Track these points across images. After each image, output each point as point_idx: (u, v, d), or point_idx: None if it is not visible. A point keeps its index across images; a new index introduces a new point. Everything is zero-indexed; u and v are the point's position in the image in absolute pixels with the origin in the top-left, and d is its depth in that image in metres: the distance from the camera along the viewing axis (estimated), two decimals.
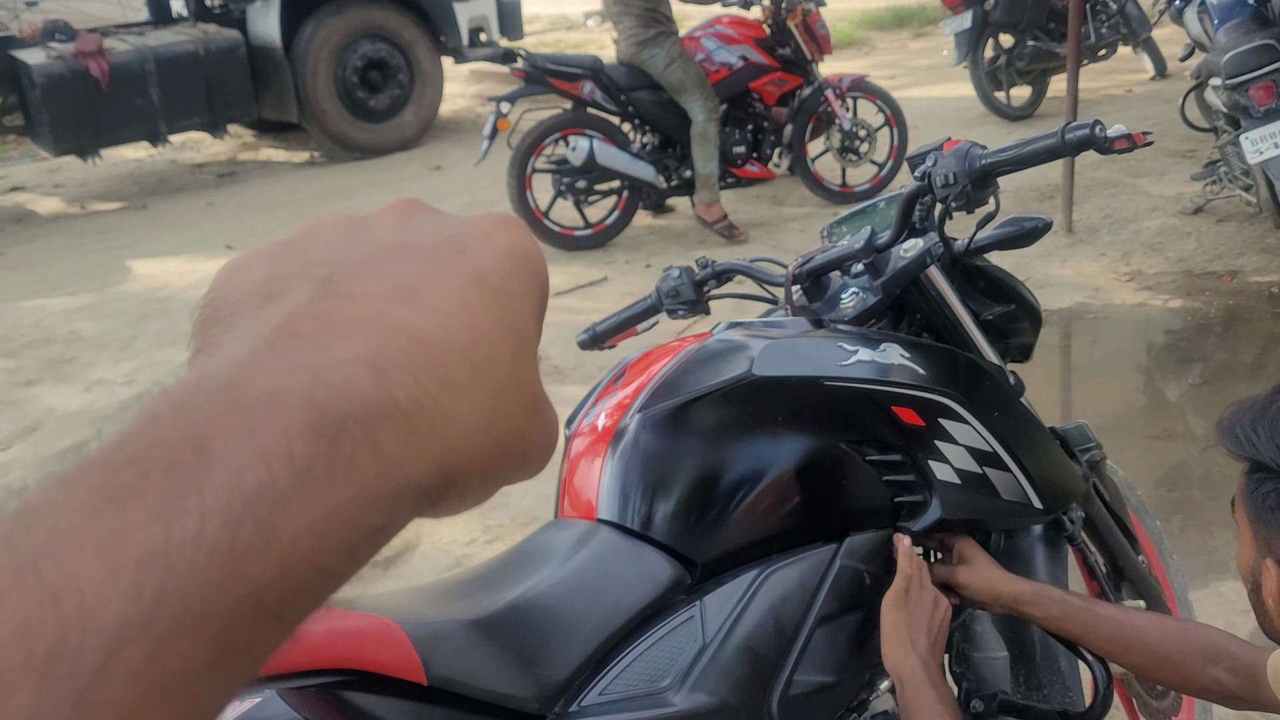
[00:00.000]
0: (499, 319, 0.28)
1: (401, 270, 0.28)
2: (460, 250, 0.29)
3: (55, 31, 6.74)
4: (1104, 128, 1.27)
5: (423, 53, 7.72)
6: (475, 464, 0.27)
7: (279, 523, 0.23)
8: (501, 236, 0.30)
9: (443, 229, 0.30)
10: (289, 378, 0.24)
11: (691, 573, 1.23)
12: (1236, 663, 1.16)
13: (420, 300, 0.27)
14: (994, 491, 1.34)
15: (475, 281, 0.28)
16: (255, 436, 0.23)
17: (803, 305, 1.54)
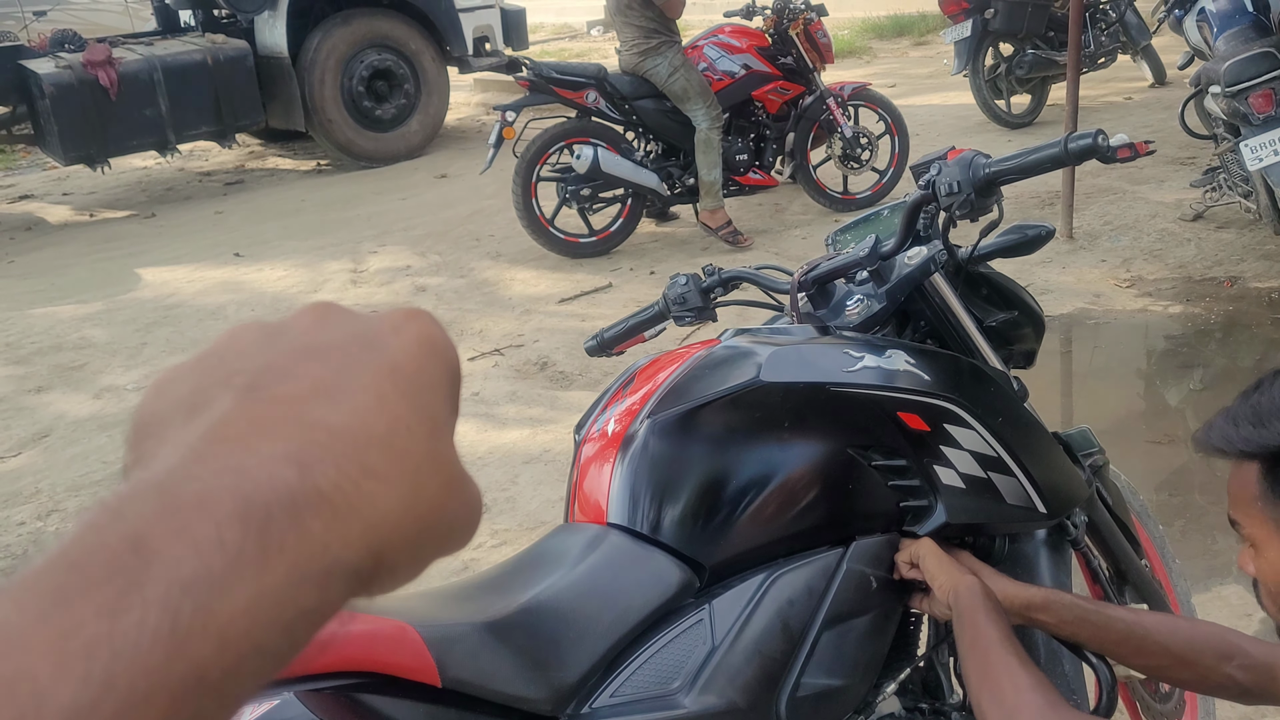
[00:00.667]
0: (414, 405, 0.30)
1: (317, 371, 0.30)
2: (371, 346, 0.31)
3: (64, 41, 6.78)
4: (1107, 137, 1.29)
5: (428, 62, 7.76)
6: (400, 541, 0.29)
7: (216, 606, 0.25)
8: (410, 329, 0.32)
9: (354, 328, 0.32)
10: (216, 478, 0.26)
11: (700, 576, 1.25)
12: (1250, 659, 1.16)
13: (337, 397, 0.29)
14: (998, 496, 1.36)
15: (388, 373, 0.30)
16: (188, 531, 0.25)
17: (808, 312, 1.56)
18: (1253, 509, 0.99)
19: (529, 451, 3.37)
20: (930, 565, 1.27)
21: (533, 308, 4.68)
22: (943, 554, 1.28)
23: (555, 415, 3.61)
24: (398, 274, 5.27)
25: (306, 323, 0.32)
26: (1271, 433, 0.95)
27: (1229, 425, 0.99)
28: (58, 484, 3.41)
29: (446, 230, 5.90)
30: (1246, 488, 0.99)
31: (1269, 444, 0.95)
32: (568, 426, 3.56)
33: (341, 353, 0.31)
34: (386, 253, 5.60)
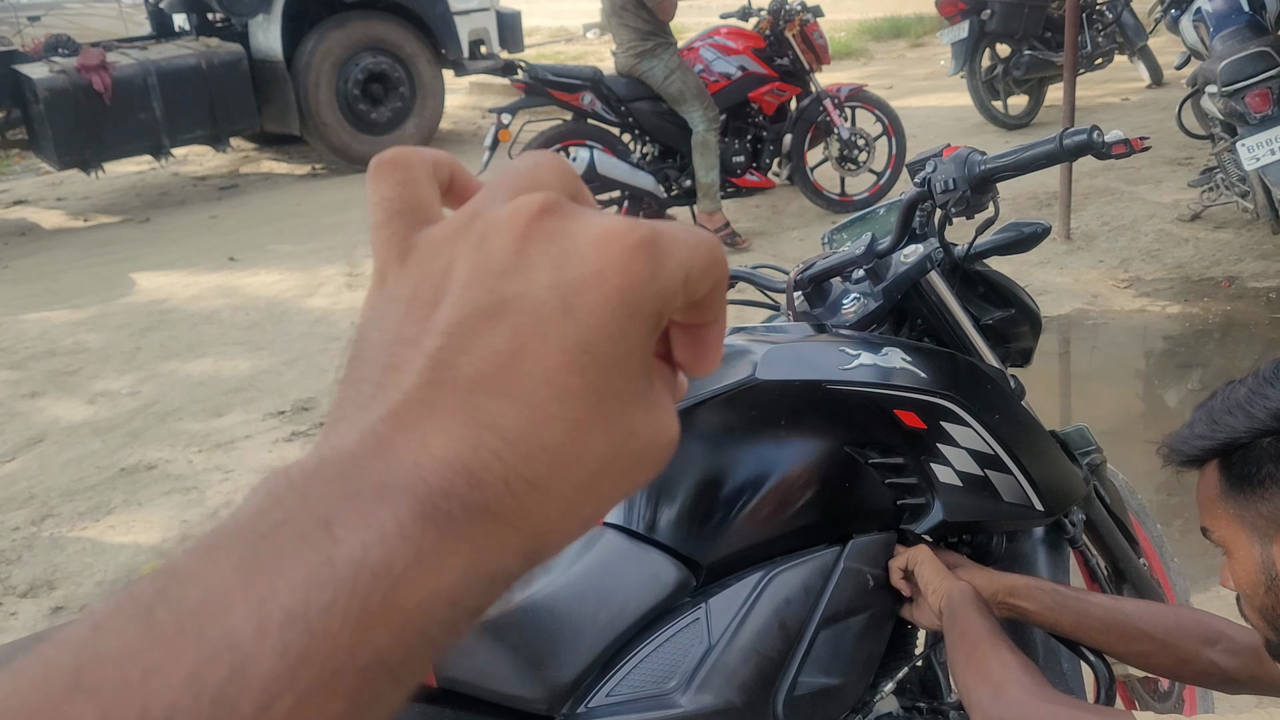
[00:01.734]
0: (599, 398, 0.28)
1: (501, 342, 0.28)
2: (568, 310, 0.28)
3: (58, 46, 6.77)
4: (1102, 133, 1.29)
5: (424, 65, 7.76)
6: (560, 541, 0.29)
7: (399, 597, 0.25)
8: (616, 278, 0.28)
9: (561, 266, 0.29)
10: (394, 473, 0.26)
11: (697, 575, 1.25)
12: (1235, 644, 1.16)
13: (514, 389, 0.28)
14: (995, 494, 1.35)
15: (577, 357, 0.28)
16: (374, 519, 0.25)
17: (804, 311, 1.56)
18: (1218, 510, 1.00)
19: None
20: (927, 572, 1.27)
21: None
22: (939, 562, 1.28)
23: None
24: None
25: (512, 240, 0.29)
26: (1223, 428, 0.97)
27: (1186, 431, 1.02)
28: (52, 489, 3.40)
29: None
30: (1210, 490, 1.00)
31: (1221, 438, 0.97)
32: None
33: (532, 318, 0.28)
34: None
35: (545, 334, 0.28)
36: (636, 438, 0.30)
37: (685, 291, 0.30)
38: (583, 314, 0.28)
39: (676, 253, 0.29)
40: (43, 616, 2.72)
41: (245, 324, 4.77)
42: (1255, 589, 0.97)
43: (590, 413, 0.28)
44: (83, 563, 2.96)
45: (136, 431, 3.77)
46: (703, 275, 0.30)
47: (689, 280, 0.30)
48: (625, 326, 0.28)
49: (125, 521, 3.17)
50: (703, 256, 0.30)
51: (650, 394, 0.30)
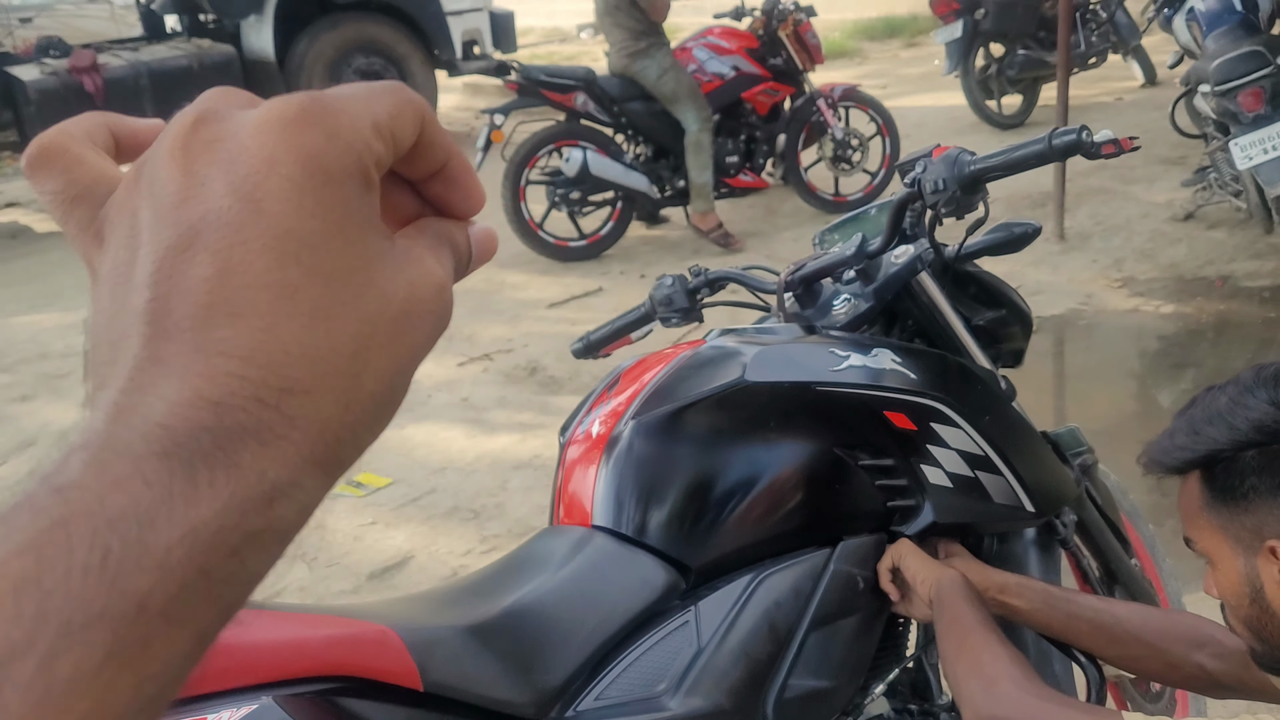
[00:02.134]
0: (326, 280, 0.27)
1: (205, 272, 0.27)
2: (254, 208, 0.27)
3: (49, 47, 6.75)
4: (1091, 133, 1.28)
5: (416, 66, 7.74)
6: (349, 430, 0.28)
7: (148, 538, 0.24)
8: (289, 157, 0.27)
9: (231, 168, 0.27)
10: (133, 431, 0.26)
11: (686, 578, 1.24)
12: (1222, 649, 1.16)
13: (235, 309, 0.26)
14: (986, 495, 1.35)
15: (283, 250, 0.27)
16: (109, 473, 0.25)
17: (795, 312, 1.55)
18: (1201, 521, 0.99)
19: (519, 457, 3.36)
20: (912, 563, 1.27)
21: (522, 312, 4.66)
22: (923, 553, 1.28)
23: (545, 420, 3.60)
24: None
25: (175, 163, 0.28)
26: (1204, 438, 0.96)
27: (1167, 440, 1.01)
28: None
29: None
30: (1192, 501, 1.00)
31: (1203, 450, 0.96)
32: (557, 431, 3.54)
33: (224, 232, 0.27)
34: None
35: (243, 241, 0.27)
36: (393, 299, 0.29)
37: (382, 141, 0.29)
38: (271, 205, 0.27)
39: (350, 107, 0.29)
40: None
41: None
42: (1240, 600, 0.97)
43: (321, 296, 0.27)
44: None
45: None
46: (395, 119, 0.29)
47: (379, 128, 0.29)
48: (322, 198, 0.27)
49: None
50: (384, 102, 0.29)
51: (391, 253, 0.29)
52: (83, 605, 0.24)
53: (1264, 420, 0.92)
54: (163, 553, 0.25)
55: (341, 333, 0.27)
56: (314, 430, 0.27)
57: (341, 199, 0.28)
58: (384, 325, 0.28)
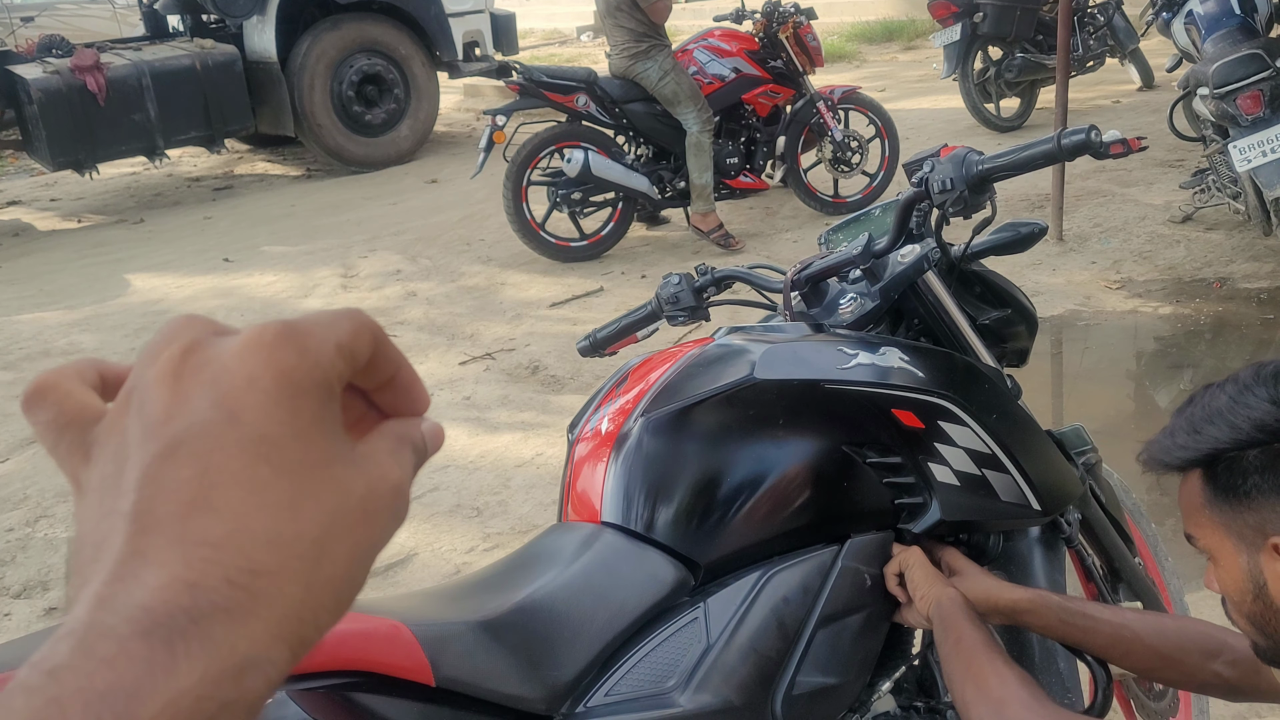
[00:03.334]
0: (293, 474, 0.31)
1: (187, 474, 0.30)
2: (232, 418, 0.31)
3: (52, 47, 6.76)
4: (1100, 133, 1.29)
5: (418, 67, 7.75)
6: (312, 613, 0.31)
7: (135, 710, 0.27)
8: (266, 374, 0.31)
9: (214, 387, 0.31)
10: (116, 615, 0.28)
11: (695, 575, 1.25)
12: (1236, 655, 1.16)
13: (212, 504, 0.30)
14: (993, 493, 1.35)
15: (256, 452, 0.30)
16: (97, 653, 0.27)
17: (801, 311, 1.56)
18: (1202, 518, 0.99)
19: (521, 455, 3.36)
20: (916, 575, 1.28)
21: (524, 312, 4.67)
22: (930, 565, 1.28)
23: (547, 419, 3.61)
24: (388, 279, 5.25)
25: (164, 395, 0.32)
26: (1206, 438, 0.96)
27: (1167, 439, 1.01)
28: (46, 490, 3.39)
29: (437, 235, 5.89)
30: (1193, 498, 1.00)
31: (1205, 449, 0.96)
32: (559, 430, 3.54)
33: (205, 440, 0.30)
34: (377, 258, 5.58)
35: (222, 446, 0.30)
36: (351, 494, 0.32)
37: (343, 359, 0.33)
38: (248, 415, 0.31)
39: (316, 330, 0.33)
40: (36, 617, 2.72)
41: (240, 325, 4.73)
42: (1243, 596, 0.98)
43: (288, 491, 0.31)
44: None
45: None
46: (355, 339, 0.33)
47: (341, 347, 0.33)
48: (292, 407, 0.31)
49: None
50: (345, 325, 0.33)
51: (351, 454, 0.33)
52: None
53: (1265, 419, 0.92)
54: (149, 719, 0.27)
55: (306, 522, 0.31)
56: (279, 608, 0.30)
57: (308, 407, 0.32)
58: (343, 517, 0.32)
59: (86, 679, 0.27)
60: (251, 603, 0.29)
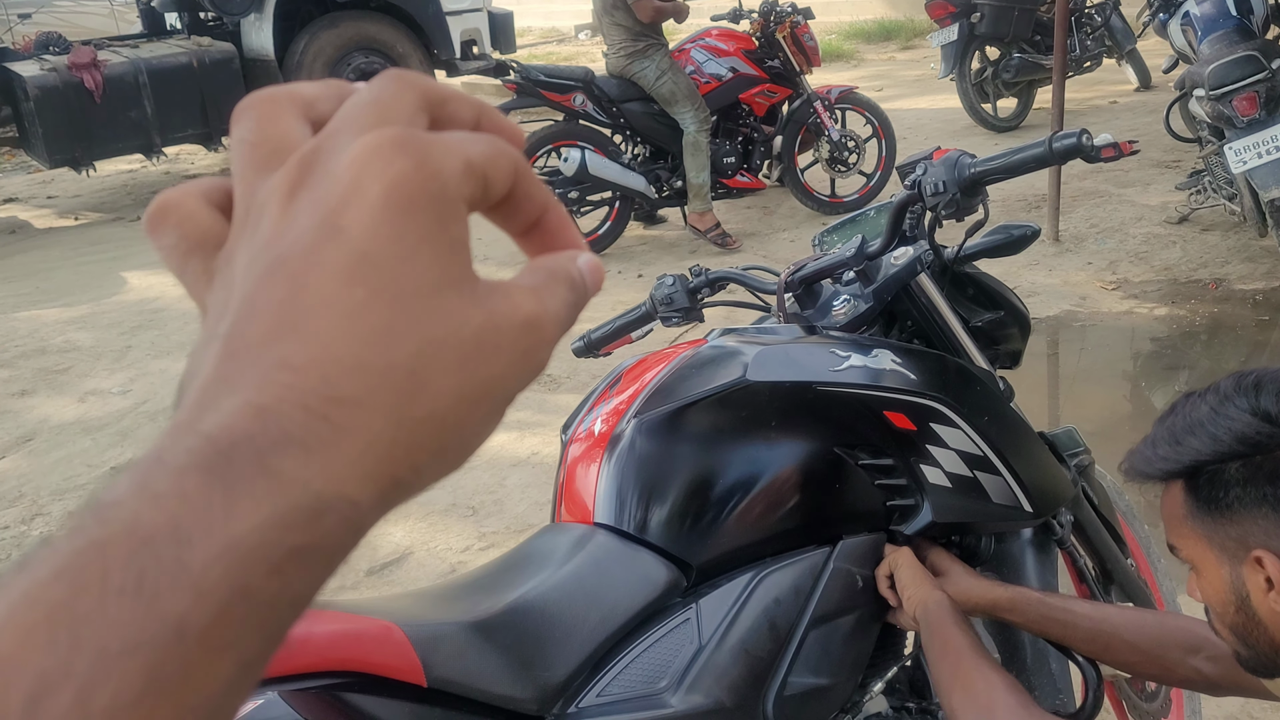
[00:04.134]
0: (392, 301, 0.28)
1: (281, 293, 0.28)
2: (334, 232, 0.28)
3: (49, 44, 6.75)
4: (1091, 136, 1.29)
5: (416, 65, 7.74)
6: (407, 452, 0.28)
7: (185, 557, 0.24)
8: (375, 184, 0.28)
9: (322, 200, 0.28)
10: (178, 442, 0.26)
11: (687, 576, 1.25)
12: (1216, 651, 1.17)
13: (299, 327, 0.27)
14: (984, 495, 1.36)
15: (354, 271, 0.27)
16: (146, 489, 0.25)
17: (795, 313, 1.56)
18: (1184, 529, 0.99)
19: (516, 454, 3.37)
20: (904, 577, 1.28)
21: None
22: (918, 567, 1.29)
23: (543, 418, 3.61)
24: None
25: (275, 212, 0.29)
26: (1187, 449, 0.96)
27: (1149, 449, 1.01)
28: (42, 488, 3.39)
29: None
30: (1175, 509, 1.00)
31: (1186, 460, 0.96)
32: (555, 430, 3.54)
33: (303, 257, 0.28)
34: None
35: (319, 264, 0.27)
36: (465, 326, 0.29)
37: (472, 180, 0.29)
38: (351, 230, 0.28)
39: (444, 141, 0.29)
40: None
41: None
42: (1225, 607, 0.98)
43: (384, 314, 0.27)
44: None
45: (127, 430, 3.76)
46: (490, 162, 0.30)
47: (471, 166, 0.29)
48: (401, 223, 0.28)
49: None
50: (483, 145, 0.30)
51: (471, 283, 0.29)
52: (119, 632, 0.23)
53: (1246, 431, 0.92)
54: (200, 572, 0.24)
55: (399, 350, 0.27)
56: (363, 441, 0.27)
57: (420, 225, 0.28)
58: (449, 349, 0.28)
59: (134, 519, 0.24)
60: (331, 434, 0.26)
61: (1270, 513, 0.91)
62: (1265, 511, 0.91)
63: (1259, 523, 0.92)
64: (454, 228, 0.29)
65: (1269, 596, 0.92)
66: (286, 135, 0.31)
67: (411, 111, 0.31)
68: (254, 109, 0.32)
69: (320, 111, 0.33)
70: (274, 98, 0.32)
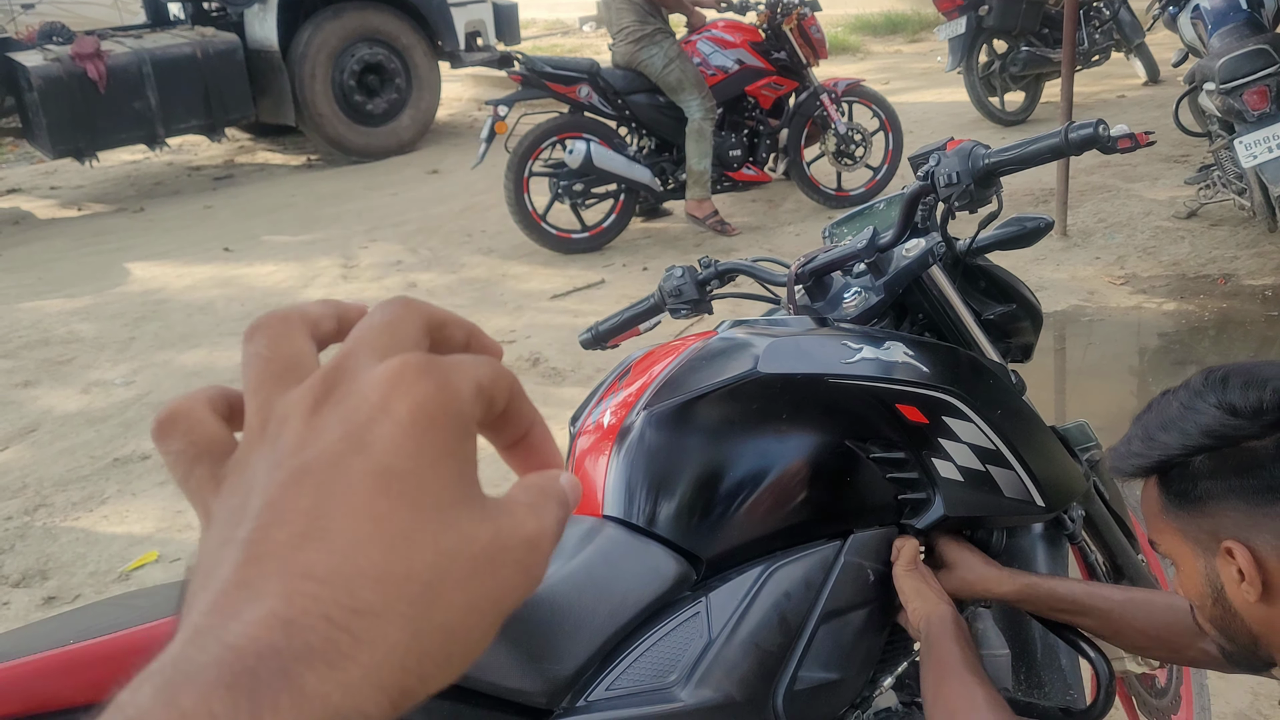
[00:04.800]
0: (414, 509, 0.29)
1: (307, 502, 0.29)
2: (360, 446, 0.29)
3: (52, 34, 6.73)
4: (1108, 127, 1.28)
5: (420, 57, 7.73)
6: (418, 663, 0.28)
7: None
8: (401, 404, 0.30)
9: (349, 417, 0.30)
10: (204, 653, 0.26)
11: (697, 569, 1.24)
12: None
13: (326, 533, 0.28)
14: (997, 489, 1.35)
15: (380, 482, 0.29)
16: (173, 705, 0.25)
17: (805, 305, 1.55)
18: (1161, 524, 1.01)
19: None
20: (906, 588, 1.28)
21: (525, 304, 4.66)
22: (920, 582, 1.28)
23: (548, 411, 3.58)
24: (389, 269, 5.24)
25: (298, 425, 0.31)
26: (1158, 445, 0.98)
27: (1125, 446, 1.03)
28: (45, 479, 3.38)
29: (438, 226, 5.87)
30: (1152, 505, 1.02)
31: (1157, 456, 0.98)
32: (561, 423, 3.52)
33: (330, 468, 0.29)
34: (377, 248, 5.57)
35: (346, 476, 0.29)
36: (475, 540, 0.30)
37: (482, 401, 0.32)
38: (377, 445, 0.29)
39: (459, 366, 0.32)
40: (35, 606, 2.71)
41: (240, 315, 4.75)
42: (1203, 600, 0.99)
43: (405, 527, 0.29)
44: (76, 553, 2.95)
45: (130, 421, 3.76)
46: (494, 384, 0.33)
47: (481, 389, 0.32)
48: (423, 441, 0.30)
49: (119, 512, 3.16)
50: (488, 368, 0.33)
51: (480, 500, 0.31)
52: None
53: (1212, 425, 0.94)
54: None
55: (418, 561, 0.29)
56: (380, 653, 0.27)
57: (440, 443, 0.30)
58: (462, 563, 0.30)
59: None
60: (352, 645, 0.27)
61: (1239, 504, 0.92)
62: (1234, 503, 0.93)
63: (1229, 514, 0.93)
64: (468, 445, 0.31)
65: (1241, 587, 0.93)
66: (299, 353, 0.34)
67: (418, 335, 0.34)
68: (268, 327, 0.34)
69: (323, 330, 0.35)
70: (286, 318, 0.35)
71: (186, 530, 3.03)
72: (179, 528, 3.04)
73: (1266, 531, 0.92)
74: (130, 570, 2.84)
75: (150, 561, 2.88)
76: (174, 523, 3.07)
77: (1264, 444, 0.92)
